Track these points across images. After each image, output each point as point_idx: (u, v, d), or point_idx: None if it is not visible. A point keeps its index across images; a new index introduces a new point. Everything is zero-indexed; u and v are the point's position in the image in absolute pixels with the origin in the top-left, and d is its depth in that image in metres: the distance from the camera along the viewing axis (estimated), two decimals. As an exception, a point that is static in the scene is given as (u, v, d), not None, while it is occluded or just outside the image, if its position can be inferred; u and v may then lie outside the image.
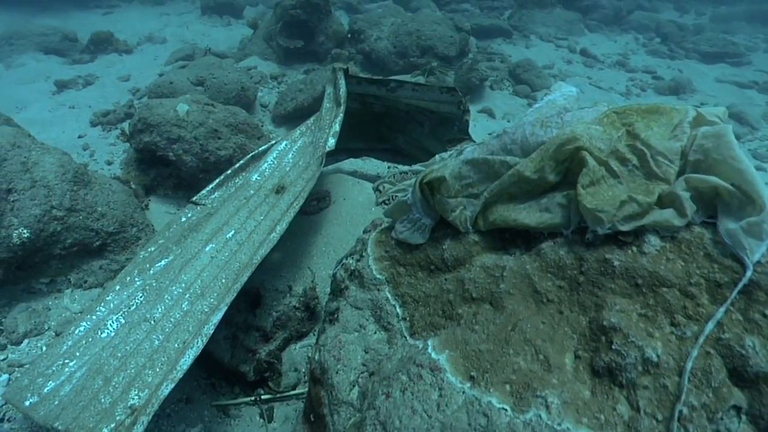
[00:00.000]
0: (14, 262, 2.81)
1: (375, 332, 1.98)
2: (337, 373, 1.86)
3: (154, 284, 2.67)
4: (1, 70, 7.00)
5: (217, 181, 3.44)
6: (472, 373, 1.50)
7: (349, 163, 4.71)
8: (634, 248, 1.53)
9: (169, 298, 2.40)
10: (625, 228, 1.52)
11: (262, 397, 2.63)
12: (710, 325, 1.34)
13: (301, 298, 2.81)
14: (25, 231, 2.76)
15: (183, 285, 2.45)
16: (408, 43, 7.03)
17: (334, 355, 1.91)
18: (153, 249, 3.01)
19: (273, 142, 3.77)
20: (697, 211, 1.49)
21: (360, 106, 4.10)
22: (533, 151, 1.75)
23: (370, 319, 2.03)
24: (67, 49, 7.73)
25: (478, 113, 6.25)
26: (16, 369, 2.69)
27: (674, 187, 1.52)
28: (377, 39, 7.35)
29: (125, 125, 5.02)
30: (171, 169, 3.69)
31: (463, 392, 1.47)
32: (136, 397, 1.88)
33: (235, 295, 2.18)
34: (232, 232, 2.78)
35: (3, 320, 2.88)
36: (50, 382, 2.32)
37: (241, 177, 3.46)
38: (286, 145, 3.59)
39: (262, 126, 5.04)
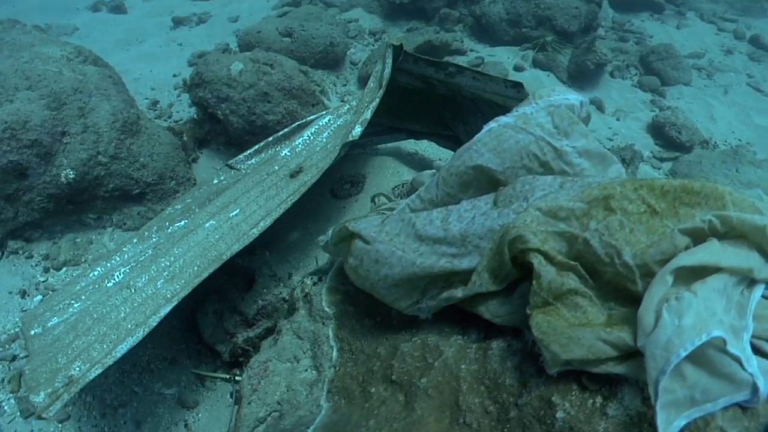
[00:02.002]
0: (63, 197, 3.11)
1: (306, 370, 1.80)
2: (249, 404, 1.74)
3: (162, 245, 2.77)
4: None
5: (257, 147, 3.39)
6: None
7: (411, 144, 4.37)
8: (597, 402, 1.11)
9: (155, 269, 2.45)
10: (589, 369, 1.10)
11: (237, 378, 2.66)
12: None
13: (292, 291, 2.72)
14: (71, 172, 3.01)
15: (171, 259, 2.49)
16: (524, 11, 6.17)
17: (252, 384, 1.78)
18: (179, 207, 3.11)
19: (323, 112, 3.60)
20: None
21: (423, 86, 3.70)
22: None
23: (308, 353, 1.85)
24: (193, -16, 8.17)
25: (584, 104, 5.36)
26: (49, 293, 3.04)
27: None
28: (492, 2, 6.57)
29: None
30: (221, 127, 3.74)
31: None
32: (77, 369, 1.96)
33: (189, 290, 2.13)
34: (237, 210, 2.73)
35: (52, 245, 3.25)
36: (54, 318, 2.55)
37: (281, 146, 3.37)
38: (328, 120, 3.39)
39: (318, 92, 4.85)
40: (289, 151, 3.18)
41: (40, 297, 3.00)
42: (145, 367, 2.74)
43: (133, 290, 2.38)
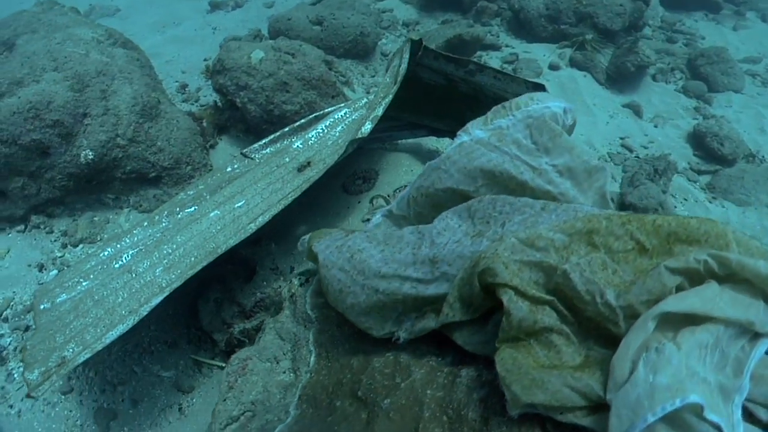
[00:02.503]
0: (83, 177, 3.20)
1: (285, 372, 1.78)
2: (224, 401, 1.73)
3: (169, 230, 2.81)
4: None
5: (272, 136, 3.38)
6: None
7: (432, 141, 4.27)
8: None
9: (157, 256, 2.49)
10: (553, 416, 1.02)
11: (232, 367, 2.69)
12: None
13: (292, 286, 2.71)
14: (90, 153, 3.09)
15: (173, 246, 2.52)
16: (564, 6, 5.89)
17: (229, 381, 1.77)
18: (191, 193, 3.15)
19: (341, 105, 3.55)
20: None
21: (445, 83, 3.58)
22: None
23: (288, 354, 1.83)
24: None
25: (621, 107, 5.09)
26: (64, 268, 3.15)
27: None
28: (531, -5, 6.30)
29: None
30: (240, 114, 3.76)
31: None
32: (71, 350, 2.01)
33: (182, 282, 2.14)
34: (242, 202, 2.73)
35: (72, 222, 3.36)
36: (63, 294, 2.64)
37: (295, 138, 3.35)
38: (344, 113, 3.34)
39: (341, 83, 4.78)
40: (301, 144, 3.15)
41: (55, 272, 3.11)
42: (146, 348, 2.81)
43: (134, 275, 2.43)
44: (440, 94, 3.63)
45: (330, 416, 1.39)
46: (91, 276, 2.69)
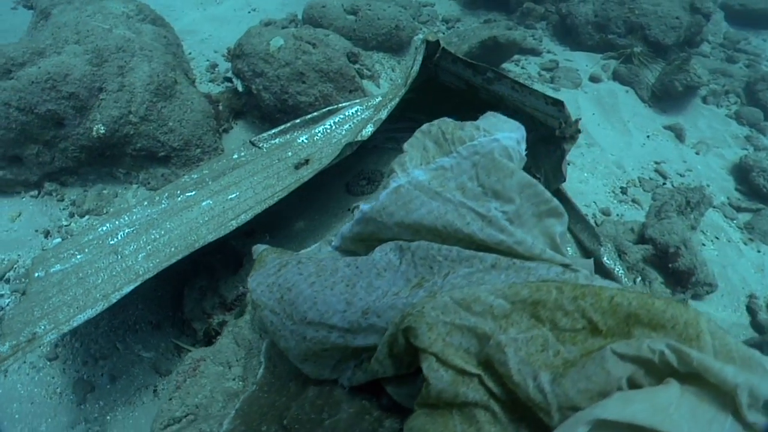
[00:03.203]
0: (95, 150, 3.26)
1: (234, 379, 1.74)
2: (169, 400, 1.71)
3: (164, 213, 2.82)
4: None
5: (282, 127, 3.33)
6: None
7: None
8: None
9: (144, 240, 2.50)
10: None
11: (209, 356, 2.69)
12: None
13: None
14: (102, 127, 3.14)
15: (160, 232, 2.52)
16: (614, 15, 5.54)
17: (177, 381, 1.75)
18: (195, 176, 3.15)
19: (354, 101, 3.46)
20: None
21: (466, 88, 3.42)
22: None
23: (241, 361, 1.79)
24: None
25: (662, 128, 4.75)
26: (67, 238, 3.24)
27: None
28: (581, 1, 5.96)
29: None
30: (256, 100, 3.73)
31: None
32: (42, 327, 2.04)
33: (153, 274, 2.13)
34: (236, 194, 2.70)
35: (82, 192, 3.45)
36: (57, 265, 2.70)
37: (302, 131, 3.29)
38: (355, 111, 3.25)
39: (366, 76, 4.65)
40: (306, 139, 3.09)
41: (59, 240, 3.20)
42: (131, 326, 2.85)
43: (119, 257, 2.44)
44: (460, 99, 3.47)
45: (253, 442, 1.33)
46: (86, 250, 2.73)
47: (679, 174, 4.23)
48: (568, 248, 2.78)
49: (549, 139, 3.02)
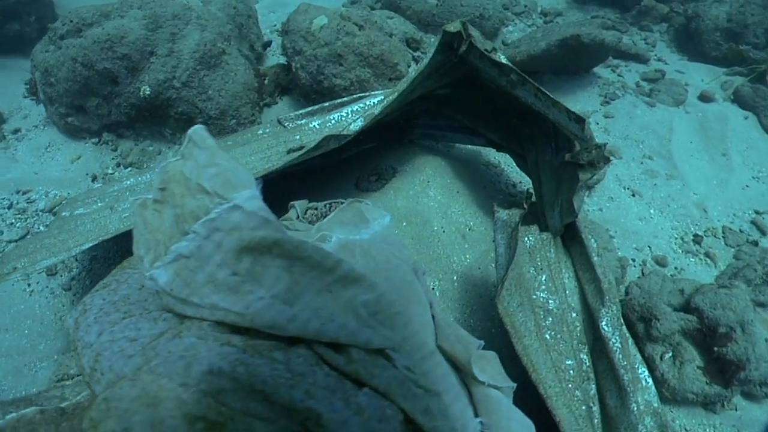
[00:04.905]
0: (143, 109, 3.54)
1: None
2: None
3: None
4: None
5: (310, 109, 3.30)
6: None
7: (493, 154, 3.73)
8: None
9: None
10: None
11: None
12: None
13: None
14: (147, 89, 3.38)
15: (151, 193, 2.63)
16: (754, 20, 4.51)
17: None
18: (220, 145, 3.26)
19: (378, 91, 3.29)
20: None
21: (506, 87, 3.02)
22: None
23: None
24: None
25: (782, 170, 3.80)
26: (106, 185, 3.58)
27: None
28: (716, 2, 4.97)
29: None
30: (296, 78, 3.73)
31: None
32: (22, 263, 2.26)
33: (114, 234, 2.22)
34: (230, 169, 2.71)
35: (134, 145, 3.78)
36: (81, 208, 3.00)
37: (319, 116, 3.21)
38: (377, 101, 3.07)
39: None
40: (319, 124, 3.01)
41: (99, 185, 3.56)
42: (131, 275, 3.07)
43: (111, 211, 2.62)
44: (500, 100, 3.09)
45: None
46: (107, 199, 2.99)
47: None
48: (574, 296, 2.32)
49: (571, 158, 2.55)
